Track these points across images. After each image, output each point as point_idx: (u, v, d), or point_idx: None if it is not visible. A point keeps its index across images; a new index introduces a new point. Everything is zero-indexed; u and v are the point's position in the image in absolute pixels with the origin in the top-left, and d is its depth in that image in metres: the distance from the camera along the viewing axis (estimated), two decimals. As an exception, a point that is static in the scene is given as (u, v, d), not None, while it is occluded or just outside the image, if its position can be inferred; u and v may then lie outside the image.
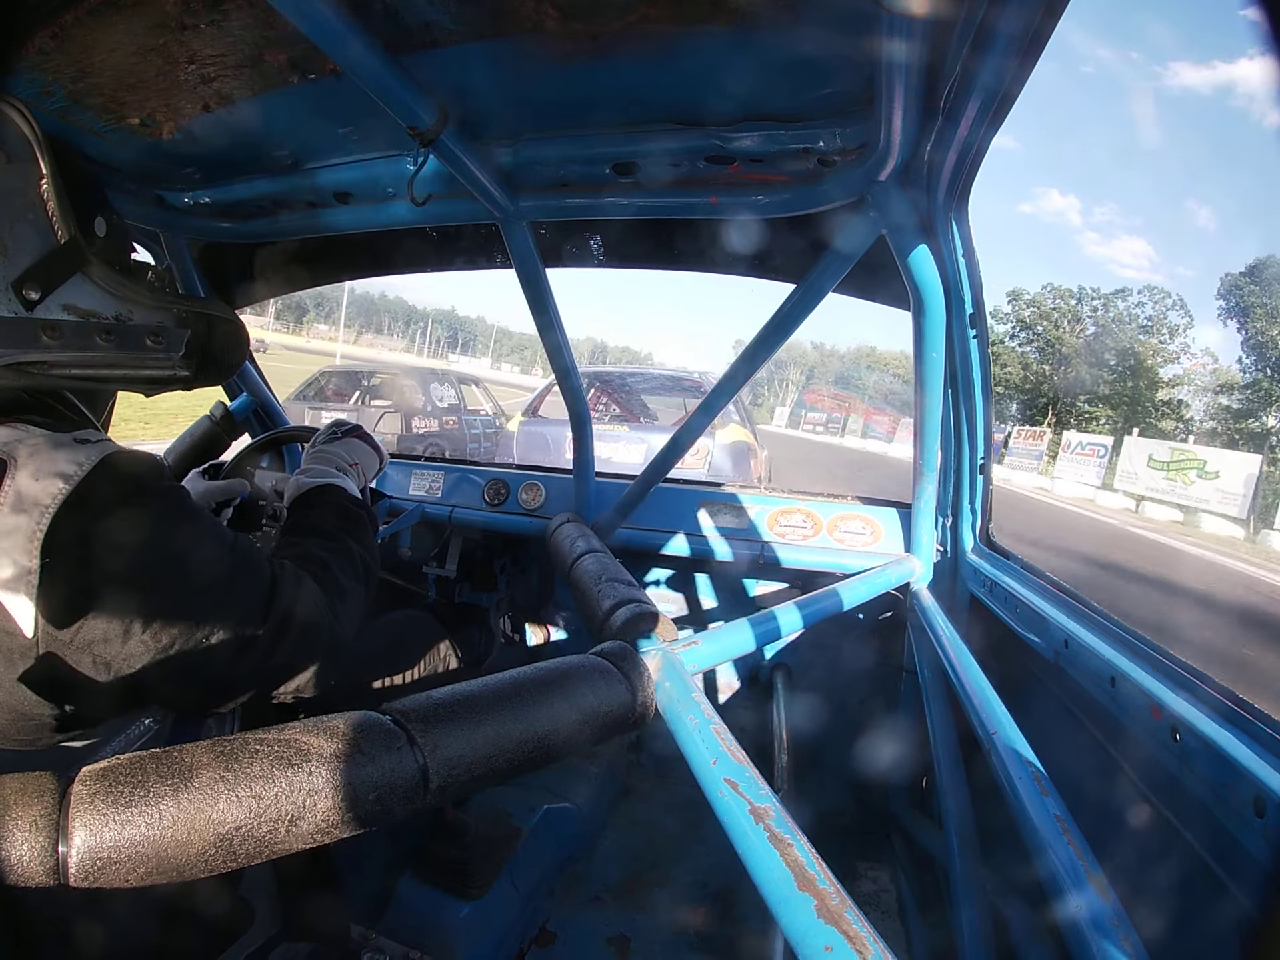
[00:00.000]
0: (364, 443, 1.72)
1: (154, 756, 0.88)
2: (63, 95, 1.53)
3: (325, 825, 0.90)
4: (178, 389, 1.19)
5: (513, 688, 1.13)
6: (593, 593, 1.73)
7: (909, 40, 1.05)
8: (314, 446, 1.66)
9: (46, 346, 0.99)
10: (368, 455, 1.70)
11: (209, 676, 1.06)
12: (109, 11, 1.28)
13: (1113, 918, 0.94)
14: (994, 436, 2.09)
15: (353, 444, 1.68)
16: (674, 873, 2.42)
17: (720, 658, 1.60)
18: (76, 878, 0.78)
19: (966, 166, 1.48)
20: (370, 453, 1.72)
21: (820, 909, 0.80)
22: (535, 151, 1.68)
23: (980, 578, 2.04)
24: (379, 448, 1.76)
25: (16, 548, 0.90)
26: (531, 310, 2.09)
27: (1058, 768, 1.29)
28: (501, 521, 2.74)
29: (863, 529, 2.42)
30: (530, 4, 1.21)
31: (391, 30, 1.31)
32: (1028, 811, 1.14)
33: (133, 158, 1.86)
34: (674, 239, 2.10)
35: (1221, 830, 0.98)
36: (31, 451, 0.94)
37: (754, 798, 1.01)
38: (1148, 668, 1.24)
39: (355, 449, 1.67)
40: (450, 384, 13.97)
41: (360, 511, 1.48)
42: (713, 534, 2.54)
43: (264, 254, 2.47)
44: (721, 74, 1.36)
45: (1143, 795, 1.27)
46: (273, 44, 1.38)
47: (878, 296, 2.00)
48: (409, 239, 2.30)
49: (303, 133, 1.75)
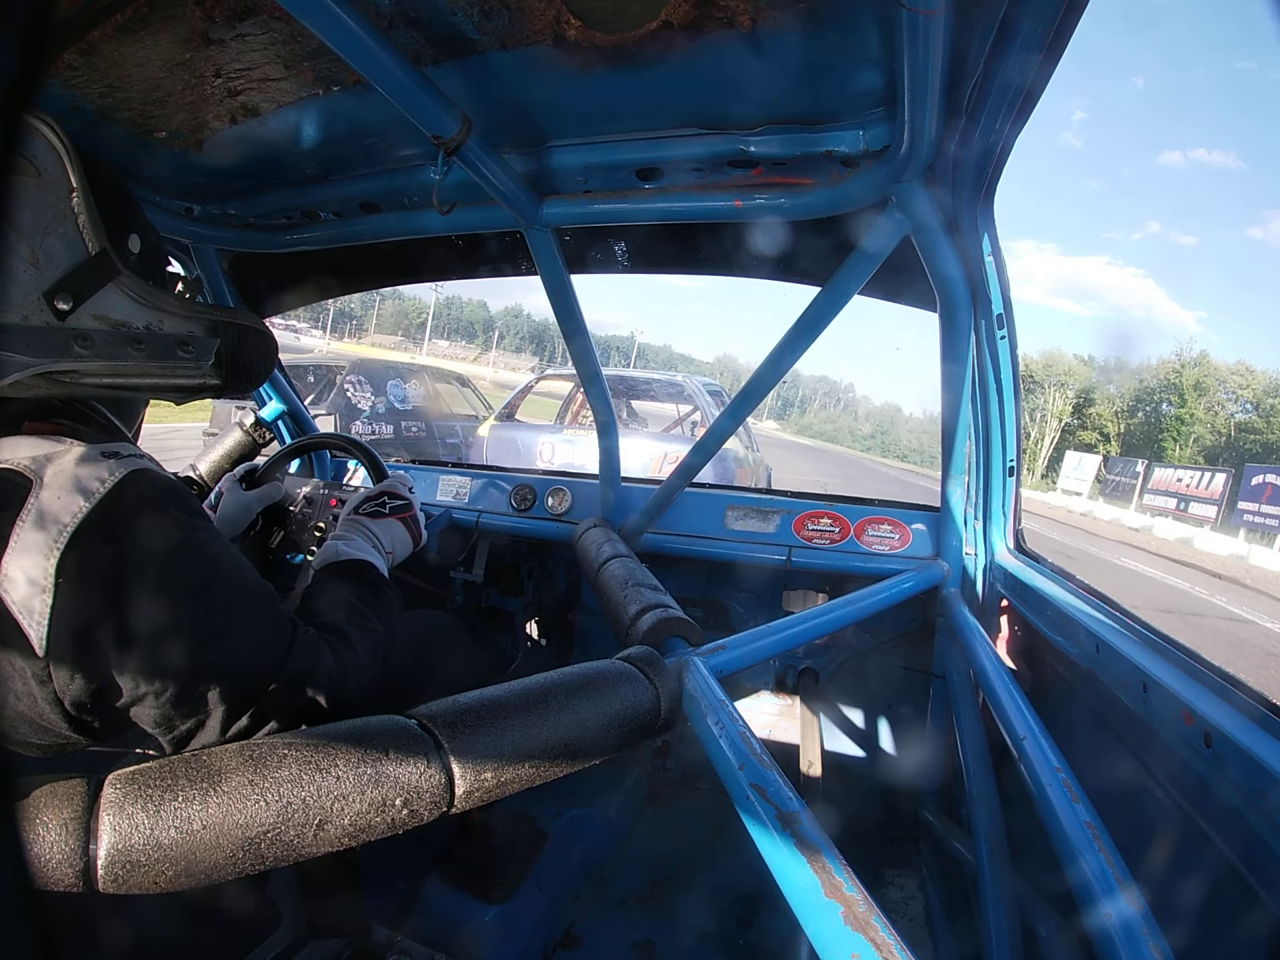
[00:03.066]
0: (406, 528, 1.66)
1: (183, 760, 0.89)
2: (92, 110, 1.56)
3: (352, 829, 0.91)
4: (208, 397, 1.20)
5: (539, 693, 1.13)
6: (619, 598, 1.73)
7: (931, 39, 1.05)
8: (356, 511, 1.62)
9: (78, 356, 1.01)
10: (404, 543, 1.66)
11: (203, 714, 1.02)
12: (136, 27, 1.30)
13: (1143, 926, 0.93)
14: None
15: (394, 529, 1.63)
16: (699, 878, 2.41)
17: (747, 663, 1.59)
18: (105, 880, 0.79)
19: (991, 165, 1.47)
20: (407, 541, 1.67)
21: (847, 916, 0.80)
22: (558, 159, 1.68)
23: (1011, 582, 2.02)
24: (420, 533, 1.71)
25: (33, 564, 0.91)
26: (557, 316, 2.09)
27: (1088, 774, 1.27)
28: (528, 527, 2.74)
29: (891, 532, 2.40)
30: (551, 13, 1.22)
31: (415, 41, 1.32)
32: (1058, 818, 1.13)
33: (162, 170, 1.88)
34: (698, 243, 2.10)
35: (1254, 837, 0.96)
36: (57, 467, 0.96)
37: (781, 804, 1.00)
38: (1180, 673, 1.22)
39: (395, 535, 1.62)
40: (422, 382, 12.49)
41: (391, 595, 1.44)
42: (740, 538, 2.53)
43: (292, 263, 2.50)
44: (743, 78, 1.35)
45: (1174, 802, 1.25)
46: (298, 57, 1.39)
47: (904, 298, 1.98)
48: (435, 247, 2.32)
49: (328, 144, 1.76)
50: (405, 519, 1.66)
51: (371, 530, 1.57)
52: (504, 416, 9.08)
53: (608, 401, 2.41)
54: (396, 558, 1.63)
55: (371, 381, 11.38)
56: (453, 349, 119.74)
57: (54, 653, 0.92)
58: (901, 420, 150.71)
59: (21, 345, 0.97)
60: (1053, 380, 70.74)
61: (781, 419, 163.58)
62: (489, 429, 8.78)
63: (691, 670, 1.38)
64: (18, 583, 0.91)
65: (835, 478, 31.62)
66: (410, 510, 1.69)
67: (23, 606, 0.91)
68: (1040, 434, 69.74)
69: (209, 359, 1.13)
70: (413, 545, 1.68)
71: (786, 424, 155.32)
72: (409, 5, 1.23)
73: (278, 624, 1.10)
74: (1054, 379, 70.96)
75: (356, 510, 1.62)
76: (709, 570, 2.83)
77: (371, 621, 1.31)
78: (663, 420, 10.83)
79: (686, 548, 2.56)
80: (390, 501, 1.66)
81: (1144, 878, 1.02)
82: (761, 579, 2.76)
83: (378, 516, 1.61)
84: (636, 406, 11.04)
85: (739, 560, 2.53)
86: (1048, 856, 1.16)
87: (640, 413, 11.23)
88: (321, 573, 1.42)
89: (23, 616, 0.91)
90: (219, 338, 1.14)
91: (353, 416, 10.73)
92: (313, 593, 1.36)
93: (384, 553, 1.57)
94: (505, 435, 8.48)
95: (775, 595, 2.74)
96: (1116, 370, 75.21)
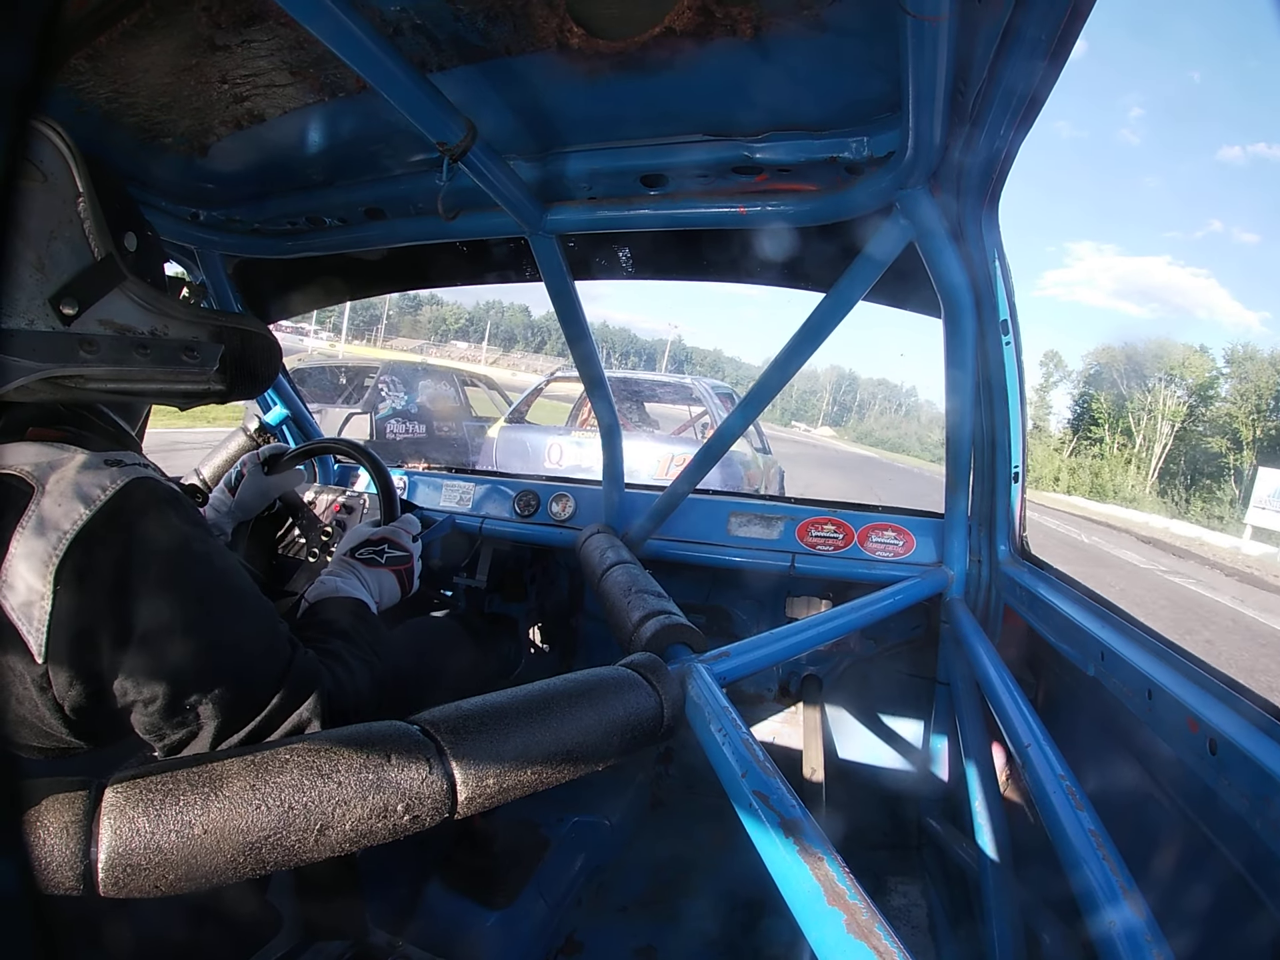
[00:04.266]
0: (398, 581, 1.62)
1: (185, 764, 0.89)
2: (98, 115, 1.57)
3: (354, 835, 0.90)
4: (212, 402, 1.20)
5: (542, 699, 1.13)
6: (622, 604, 1.73)
7: (936, 46, 1.05)
8: (353, 555, 1.59)
9: (83, 361, 1.01)
10: (391, 595, 1.61)
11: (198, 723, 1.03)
12: (143, 33, 1.30)
13: (1147, 934, 0.92)
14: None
15: (386, 580, 1.59)
16: (702, 885, 2.40)
17: (750, 669, 1.59)
18: (106, 884, 0.79)
19: (996, 171, 1.47)
20: (395, 594, 1.62)
21: (850, 924, 0.80)
22: (563, 165, 1.69)
23: (1015, 589, 2.01)
24: (412, 586, 1.67)
25: (32, 571, 0.91)
26: (561, 322, 2.09)
27: (1092, 781, 1.27)
28: (532, 533, 2.74)
29: (895, 539, 2.40)
30: (555, 21, 1.23)
31: (420, 48, 1.33)
32: (1061, 825, 1.13)
33: (167, 175, 1.89)
34: (702, 250, 2.10)
35: (1260, 845, 0.95)
36: (60, 474, 0.96)
37: (784, 810, 1.00)
38: (1185, 680, 1.22)
39: (386, 587, 1.59)
40: (450, 383, 12.93)
41: (385, 636, 1.43)
42: (743, 545, 2.52)
43: (297, 269, 2.50)
44: (747, 85, 1.36)
45: (1179, 809, 1.25)
46: (303, 63, 1.40)
47: (908, 304, 1.99)
48: (440, 253, 2.32)
49: (334, 150, 1.77)
50: (400, 572, 1.63)
51: (364, 578, 1.54)
52: (514, 418, 9.11)
53: (611, 406, 2.41)
54: (382, 607, 1.59)
55: (405, 383, 11.74)
56: (471, 350, 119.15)
57: (53, 659, 0.93)
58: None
59: (27, 350, 0.97)
60: (1161, 375, 58.73)
61: (838, 425, 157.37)
62: (498, 430, 8.79)
63: (695, 677, 1.37)
64: (17, 589, 0.91)
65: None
66: (408, 564, 1.65)
67: (22, 612, 0.91)
68: (1149, 439, 58.71)
69: (214, 364, 1.13)
70: (400, 597, 1.65)
71: (843, 430, 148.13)
72: (414, 12, 1.24)
73: (276, 640, 1.10)
74: (1162, 373, 58.59)
75: (354, 553, 1.59)
76: (712, 576, 2.82)
77: (369, 654, 1.30)
78: (674, 423, 10.93)
79: (690, 554, 2.56)
80: (389, 551, 1.63)
81: (1148, 885, 1.02)
82: (765, 585, 2.76)
83: (373, 565, 1.58)
84: (648, 409, 11.12)
85: (743, 566, 2.53)
86: (1051, 863, 1.16)
87: (652, 415, 11.30)
88: (317, 605, 1.41)
89: (22, 623, 0.91)
90: (224, 343, 1.14)
91: (387, 415, 11.04)
92: (309, 622, 1.35)
93: (373, 600, 1.53)
94: (514, 437, 8.50)
95: (779, 602, 2.74)
96: (1247, 359, 59.46)
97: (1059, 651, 1.67)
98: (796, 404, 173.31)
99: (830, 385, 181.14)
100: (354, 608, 1.41)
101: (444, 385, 12.66)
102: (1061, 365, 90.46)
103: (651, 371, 27.31)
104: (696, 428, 9.98)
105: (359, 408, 10.61)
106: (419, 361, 16.22)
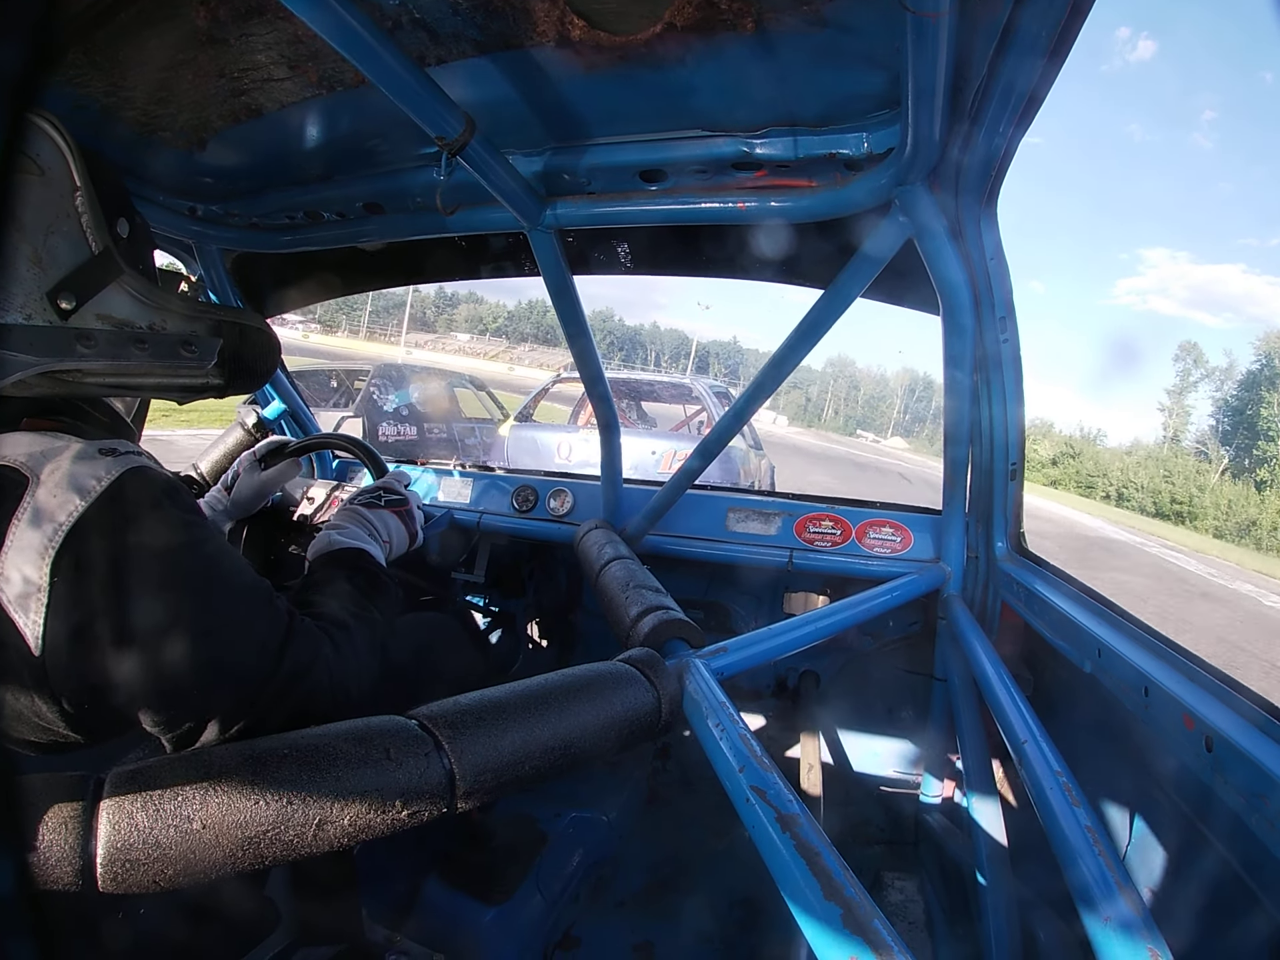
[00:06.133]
0: (401, 521, 1.64)
1: (183, 759, 0.89)
2: (96, 109, 1.57)
3: (352, 829, 0.91)
4: (210, 397, 1.20)
5: (540, 694, 1.13)
6: (620, 599, 1.73)
7: (936, 42, 1.05)
8: (351, 504, 1.60)
9: (81, 355, 1.01)
10: (400, 536, 1.63)
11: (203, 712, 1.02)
12: (140, 27, 1.30)
13: (1143, 930, 0.93)
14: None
15: (389, 520, 1.61)
16: (699, 880, 2.41)
17: (747, 665, 1.59)
18: (104, 879, 0.79)
19: (995, 168, 1.47)
20: (403, 534, 1.64)
21: (847, 919, 0.80)
22: (562, 160, 1.68)
23: (1012, 585, 2.01)
24: (416, 530, 1.68)
25: (28, 563, 0.91)
26: (559, 318, 2.09)
27: (1089, 778, 1.27)
28: (530, 528, 2.74)
29: (893, 535, 2.40)
30: (555, 14, 1.22)
31: (419, 42, 1.32)
32: (1058, 822, 1.13)
33: (165, 170, 1.89)
34: (701, 245, 2.10)
35: (1255, 842, 0.95)
36: (54, 465, 0.95)
37: (781, 806, 1.00)
38: (1181, 677, 1.22)
39: (391, 526, 1.61)
40: (441, 385, 13.04)
41: (389, 583, 1.43)
42: (741, 540, 2.52)
43: (296, 263, 2.50)
44: (747, 81, 1.36)
45: (1175, 806, 1.25)
46: (301, 57, 1.40)
47: (906, 301, 1.98)
48: (439, 248, 2.32)
49: (332, 144, 1.77)
50: (400, 513, 1.64)
51: (367, 518, 1.55)
52: (523, 417, 9.50)
53: (610, 403, 2.41)
54: (394, 549, 1.60)
55: (395, 385, 11.84)
56: (474, 344, 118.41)
57: (50, 651, 0.92)
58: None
59: (24, 345, 0.97)
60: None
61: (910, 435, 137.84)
62: (509, 429, 9.20)
63: (692, 672, 1.38)
64: (13, 581, 0.91)
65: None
66: (405, 505, 1.66)
67: (18, 605, 0.91)
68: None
69: (212, 359, 1.13)
70: (409, 541, 1.66)
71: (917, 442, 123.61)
72: (413, 6, 1.24)
73: (275, 618, 1.09)
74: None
75: (352, 502, 1.61)
76: (710, 572, 2.82)
77: (369, 611, 1.30)
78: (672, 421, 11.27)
79: (688, 549, 2.56)
80: (386, 495, 1.64)
81: (1144, 882, 1.02)
82: (763, 581, 2.76)
83: (372, 507, 1.60)
84: (646, 408, 11.51)
85: (740, 562, 2.53)
86: (1048, 860, 1.16)
87: (650, 414, 11.58)
88: (316, 563, 1.41)
89: (19, 615, 0.91)
90: (222, 337, 1.14)
91: (379, 419, 11.12)
92: (309, 584, 1.34)
93: (381, 541, 1.55)
94: (525, 435, 8.93)
95: (776, 597, 2.74)
96: None
97: (1056, 648, 1.67)
98: (863, 410, 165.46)
99: (903, 390, 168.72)
100: (352, 560, 1.41)
101: (435, 388, 12.81)
102: (1202, 362, 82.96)
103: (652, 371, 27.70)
104: (693, 425, 10.16)
105: (350, 411, 10.75)
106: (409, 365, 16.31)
